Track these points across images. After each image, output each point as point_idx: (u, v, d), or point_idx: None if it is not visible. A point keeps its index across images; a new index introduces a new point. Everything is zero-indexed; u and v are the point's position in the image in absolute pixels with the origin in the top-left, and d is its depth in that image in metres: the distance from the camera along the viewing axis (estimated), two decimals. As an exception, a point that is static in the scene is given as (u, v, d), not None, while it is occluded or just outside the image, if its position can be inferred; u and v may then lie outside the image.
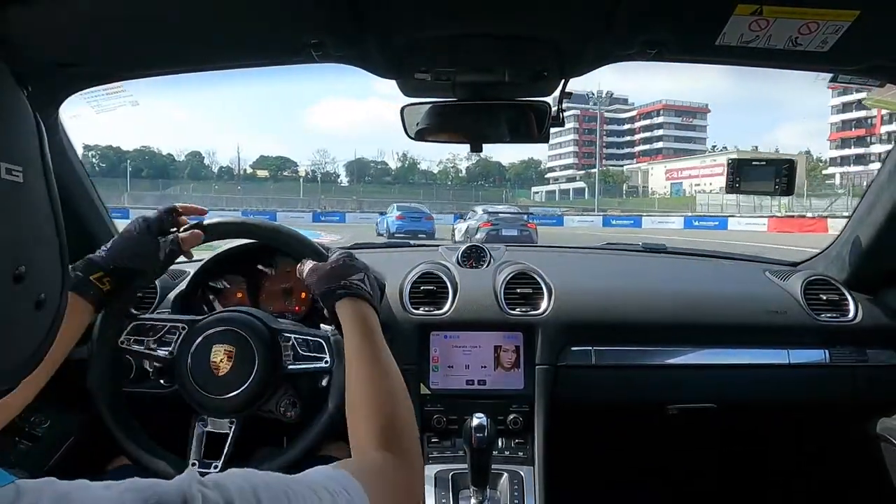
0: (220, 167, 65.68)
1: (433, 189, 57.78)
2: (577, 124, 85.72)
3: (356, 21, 0.89)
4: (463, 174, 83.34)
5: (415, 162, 77.97)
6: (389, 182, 60.89)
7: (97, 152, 56.43)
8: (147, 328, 0.99)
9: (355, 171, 69.86)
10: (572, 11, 0.89)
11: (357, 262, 0.91)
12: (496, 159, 76.35)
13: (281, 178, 57.09)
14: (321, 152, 79.33)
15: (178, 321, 0.99)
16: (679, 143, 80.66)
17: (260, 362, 0.92)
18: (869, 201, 1.32)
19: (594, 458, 1.67)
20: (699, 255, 1.72)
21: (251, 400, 0.92)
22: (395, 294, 1.31)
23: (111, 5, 0.84)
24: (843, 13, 0.81)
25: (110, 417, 0.95)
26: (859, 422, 1.40)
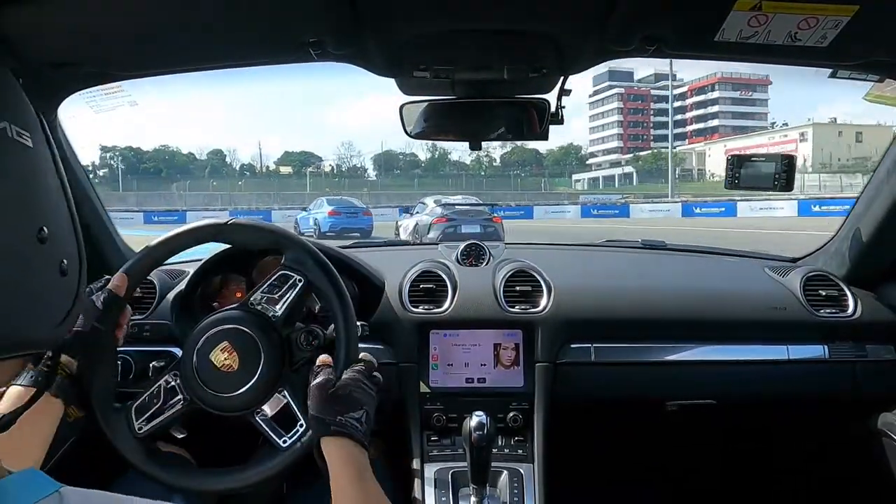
0: (242, 164, 64.37)
1: (464, 180, 53.38)
2: (622, 104, 77.72)
3: (354, 19, 0.88)
4: (497, 163, 76.37)
5: (445, 153, 72.42)
6: (419, 174, 56.70)
7: (116, 153, 56.01)
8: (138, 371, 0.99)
9: (383, 164, 66.11)
10: (571, 7, 0.89)
11: (365, 393, 0.85)
12: (532, 146, 68.95)
13: (305, 173, 54.93)
14: (347, 145, 76.54)
15: (163, 353, 1.02)
16: (737, 119, 69.97)
17: (266, 357, 0.92)
18: (868, 197, 1.32)
19: (594, 455, 1.67)
20: (698, 252, 1.72)
21: (261, 395, 0.92)
22: (394, 293, 1.31)
23: (109, 5, 0.84)
24: (842, 8, 0.81)
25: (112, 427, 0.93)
26: (859, 417, 1.40)
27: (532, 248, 1.78)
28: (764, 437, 1.67)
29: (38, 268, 0.39)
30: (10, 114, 0.39)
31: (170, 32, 0.95)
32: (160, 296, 1.29)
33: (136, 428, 0.92)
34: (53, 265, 0.41)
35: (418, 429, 1.24)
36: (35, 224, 0.39)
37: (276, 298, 0.95)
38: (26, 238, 0.38)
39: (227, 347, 0.92)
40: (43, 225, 0.40)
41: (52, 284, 0.41)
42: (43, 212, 0.41)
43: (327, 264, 0.96)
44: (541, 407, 1.25)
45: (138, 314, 1.24)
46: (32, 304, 0.39)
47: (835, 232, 1.46)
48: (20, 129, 0.40)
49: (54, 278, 0.41)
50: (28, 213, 0.39)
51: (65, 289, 0.42)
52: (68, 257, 0.42)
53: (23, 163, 0.40)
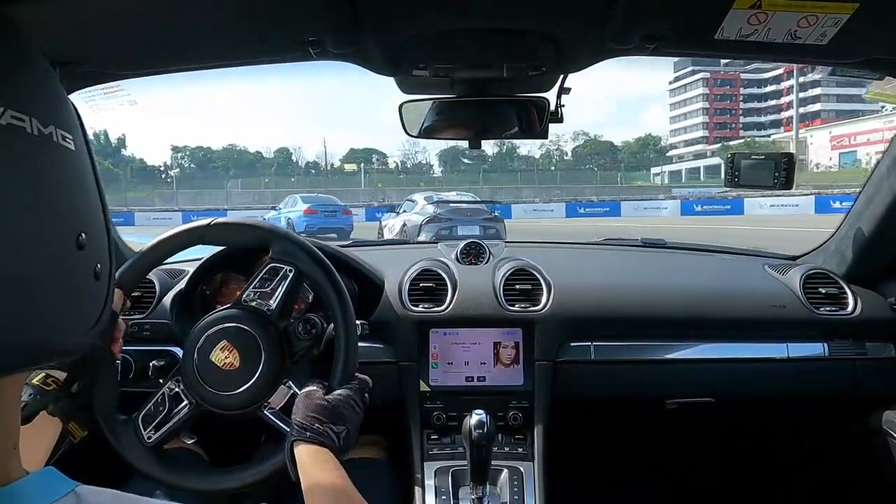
0: (307, 162, 63.21)
1: (536, 175, 48.89)
2: (707, 90, 70.23)
3: (354, 18, 0.88)
4: (568, 157, 70.84)
5: (514, 147, 66.85)
6: (486, 169, 52.68)
7: (186, 153, 55.84)
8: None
9: (449, 160, 63.29)
10: (570, 6, 0.88)
11: (352, 410, 0.85)
12: (607, 138, 64.03)
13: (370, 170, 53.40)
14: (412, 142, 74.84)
15: (164, 353, 1.02)
16: (843, 102, 59.85)
17: (266, 354, 0.92)
18: (868, 194, 1.32)
19: (594, 453, 1.68)
20: (698, 250, 1.72)
21: (263, 392, 0.92)
22: (394, 291, 1.31)
23: (109, 4, 0.84)
24: (842, 6, 0.81)
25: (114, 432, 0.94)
26: (859, 415, 1.40)
27: (532, 246, 1.78)
28: (764, 435, 1.67)
29: (75, 273, 0.39)
30: (55, 115, 0.39)
31: (169, 31, 0.95)
32: (160, 295, 1.29)
33: (146, 437, 0.92)
34: (89, 270, 0.40)
35: (418, 427, 1.24)
36: (75, 229, 0.39)
37: (268, 292, 0.95)
38: (66, 244, 0.38)
39: (226, 346, 0.92)
40: (82, 230, 0.39)
41: (87, 290, 0.41)
42: (82, 217, 0.40)
43: (315, 252, 0.96)
44: (541, 405, 1.25)
45: (138, 314, 1.24)
46: (67, 310, 0.39)
47: (835, 229, 1.46)
48: (64, 132, 0.39)
49: (89, 283, 0.41)
50: (70, 219, 0.39)
51: (98, 294, 0.42)
52: (101, 262, 0.42)
53: (67, 166, 0.39)
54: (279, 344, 0.94)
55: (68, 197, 0.39)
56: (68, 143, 0.39)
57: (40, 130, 0.37)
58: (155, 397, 0.94)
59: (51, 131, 0.37)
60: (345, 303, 0.94)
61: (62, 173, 0.39)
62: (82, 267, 0.40)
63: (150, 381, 1.09)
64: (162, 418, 0.93)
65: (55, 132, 0.38)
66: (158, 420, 0.93)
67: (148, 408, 0.94)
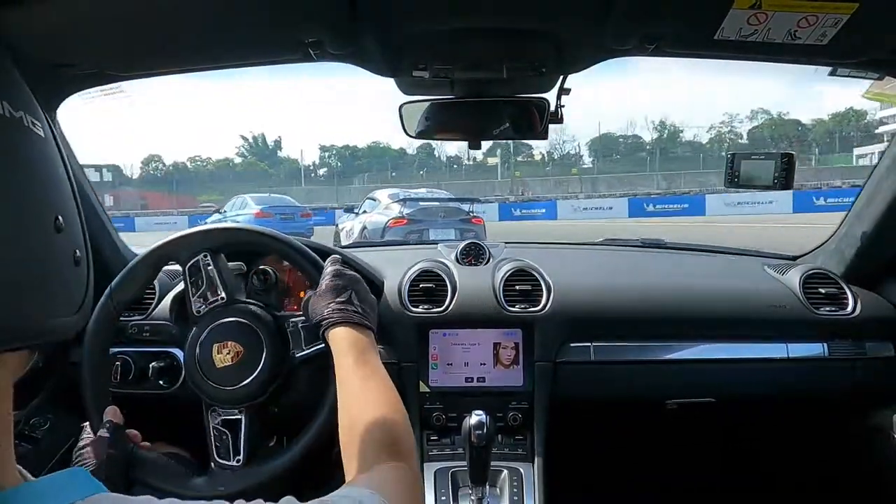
0: (449, 157, 61.71)
1: (701, 161, 40.30)
2: None
3: (353, 19, 0.88)
4: (744, 140, 58.24)
5: (677, 130, 57.22)
6: (646, 157, 45.20)
7: (333, 152, 55.61)
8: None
9: (600, 149, 54.96)
10: (570, 6, 0.89)
11: (343, 277, 0.91)
12: (793, 116, 51.48)
13: (512, 163, 50.66)
14: (558, 131, 68.66)
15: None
16: None
17: (268, 350, 0.93)
18: (867, 194, 1.32)
19: (594, 454, 1.67)
20: (697, 250, 1.72)
21: (262, 388, 0.93)
22: (393, 292, 1.31)
23: (107, 5, 0.84)
24: (841, 6, 0.81)
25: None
26: (859, 415, 1.40)
27: (531, 247, 1.78)
28: (764, 435, 1.67)
29: (55, 256, 0.40)
30: (24, 104, 0.40)
31: (169, 33, 0.95)
32: (159, 297, 1.29)
33: (236, 462, 0.96)
34: (68, 255, 0.41)
35: (418, 428, 1.24)
36: (52, 212, 0.40)
37: (211, 287, 0.99)
38: (45, 226, 0.39)
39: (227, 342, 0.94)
40: (58, 214, 0.40)
41: (68, 274, 0.42)
42: (58, 201, 0.41)
43: (197, 230, 1.02)
44: (540, 406, 1.25)
45: (138, 315, 1.24)
46: (51, 293, 0.40)
47: (835, 229, 1.46)
48: (33, 118, 0.40)
49: (70, 268, 0.42)
50: (46, 202, 0.40)
51: (80, 279, 0.43)
52: (80, 248, 0.43)
53: (39, 151, 0.40)
54: (277, 334, 0.95)
55: (44, 180, 0.40)
56: (38, 130, 0.40)
57: (11, 114, 0.38)
58: (210, 434, 0.97)
59: (21, 115, 0.39)
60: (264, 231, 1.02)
61: (36, 157, 0.40)
62: (62, 250, 0.41)
63: (150, 381, 1.09)
64: (233, 444, 0.96)
65: (25, 117, 0.39)
66: (232, 447, 0.96)
67: (215, 446, 0.96)
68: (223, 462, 0.96)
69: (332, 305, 0.86)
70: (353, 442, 0.71)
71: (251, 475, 0.94)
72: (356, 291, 0.89)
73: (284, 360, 0.97)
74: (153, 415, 1.01)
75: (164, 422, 1.03)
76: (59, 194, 0.42)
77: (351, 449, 0.71)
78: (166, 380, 1.13)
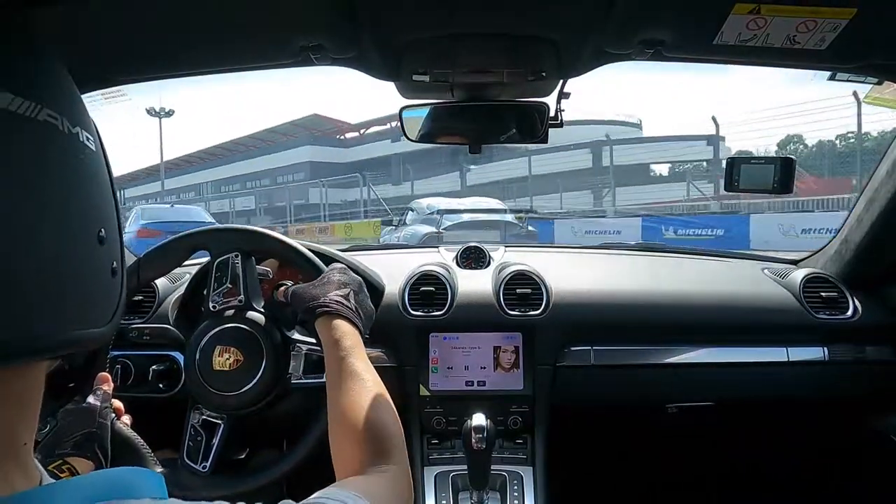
0: None
1: None
2: None
3: (353, 24, 0.89)
4: None
5: None
6: None
7: None
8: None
9: None
10: (569, 11, 0.89)
11: (346, 276, 0.90)
12: None
13: None
14: None
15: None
16: None
17: (268, 364, 0.93)
18: (867, 198, 1.32)
19: (594, 457, 1.67)
20: (698, 254, 1.72)
21: (255, 399, 0.93)
22: (394, 296, 1.31)
23: (108, 9, 0.84)
24: (840, 11, 0.81)
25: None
26: (859, 419, 1.40)
27: (531, 251, 1.78)
28: (764, 438, 1.67)
29: (96, 269, 0.41)
30: (80, 117, 0.41)
31: (169, 37, 0.95)
32: (160, 299, 1.29)
33: (202, 469, 0.96)
34: (107, 267, 0.42)
35: (418, 432, 1.24)
36: (97, 225, 0.41)
37: (231, 288, 0.98)
38: (89, 239, 0.40)
39: (228, 347, 0.93)
40: (102, 227, 0.41)
41: (105, 285, 0.42)
42: (103, 214, 0.42)
43: (247, 228, 1.01)
44: (541, 410, 1.25)
45: (138, 318, 1.24)
46: (86, 305, 0.40)
47: (835, 233, 1.46)
48: (88, 133, 0.41)
49: (107, 279, 0.42)
50: (93, 215, 0.41)
51: (114, 290, 0.44)
52: (117, 259, 0.44)
53: (90, 165, 0.41)
54: (279, 340, 0.95)
55: (92, 194, 0.41)
56: (90, 144, 0.41)
57: (70, 129, 0.39)
58: (186, 432, 0.96)
59: (77, 131, 0.40)
60: (291, 245, 1.01)
61: (86, 171, 0.41)
62: (103, 262, 0.42)
63: (149, 384, 1.09)
64: (205, 447, 0.95)
65: (81, 132, 0.40)
66: (203, 450, 0.95)
67: (186, 445, 0.96)
68: (190, 464, 0.96)
69: (331, 296, 0.85)
70: (341, 438, 0.71)
71: (216, 487, 0.93)
72: (356, 293, 0.88)
73: (280, 381, 0.96)
74: (153, 418, 1.01)
75: (163, 425, 1.03)
76: (105, 207, 0.43)
77: (339, 445, 0.71)
78: (166, 383, 1.12)
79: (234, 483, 0.94)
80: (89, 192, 0.41)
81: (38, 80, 0.38)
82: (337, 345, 0.80)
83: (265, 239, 1.02)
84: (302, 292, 0.89)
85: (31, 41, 0.41)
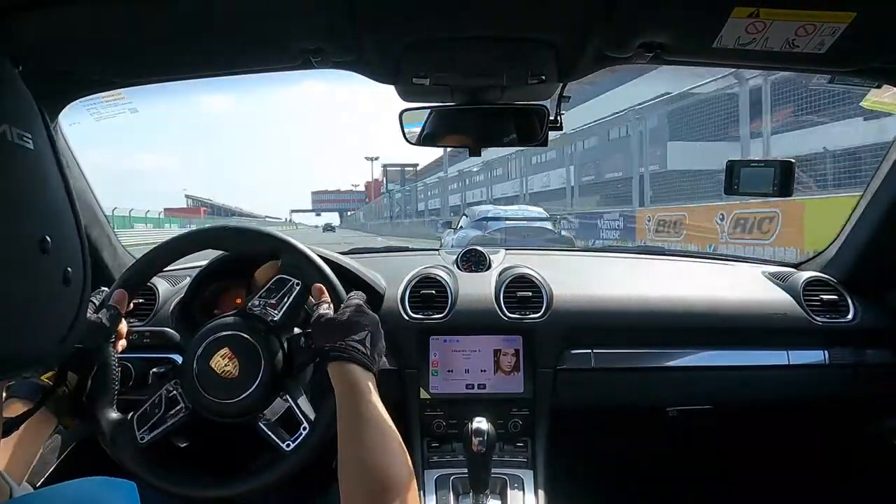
0: None
1: None
2: None
3: (353, 27, 0.89)
4: None
5: None
6: None
7: None
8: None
9: None
10: (569, 14, 0.89)
11: (365, 316, 0.88)
12: None
13: None
14: None
15: (163, 360, 1.01)
16: None
17: (266, 363, 0.92)
18: (867, 201, 1.33)
19: (595, 461, 1.67)
20: (698, 258, 1.72)
21: (261, 401, 0.92)
22: (394, 299, 1.31)
23: (108, 12, 0.85)
24: (839, 15, 0.82)
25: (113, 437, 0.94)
26: (859, 422, 1.40)
27: (532, 254, 1.78)
28: (765, 442, 1.66)
29: (39, 279, 0.37)
30: (11, 114, 0.38)
31: (170, 40, 0.96)
32: (160, 302, 1.29)
33: (139, 438, 0.92)
34: (56, 275, 0.39)
35: (418, 435, 1.24)
36: (37, 232, 0.37)
37: (274, 303, 0.95)
38: (27, 248, 0.37)
39: (226, 354, 0.92)
40: (46, 233, 0.37)
41: (55, 296, 0.39)
42: (45, 219, 0.39)
43: (323, 268, 0.97)
44: (541, 413, 1.25)
45: (138, 321, 1.24)
46: (34, 319, 0.37)
47: (835, 237, 1.46)
48: (21, 130, 0.38)
49: (57, 289, 0.39)
50: (29, 222, 0.37)
51: (68, 300, 0.40)
52: (73, 265, 0.40)
53: (23, 167, 0.38)
54: (280, 354, 0.93)
55: (28, 200, 0.38)
56: (25, 142, 0.38)
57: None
58: (152, 398, 0.94)
59: (4, 129, 0.36)
60: (331, 280, 0.96)
61: (16, 175, 0.37)
62: (48, 271, 0.38)
63: (150, 388, 1.09)
64: (157, 420, 0.92)
65: (9, 131, 0.37)
66: (154, 421, 0.92)
67: (144, 408, 0.93)
68: (135, 427, 0.92)
69: (349, 341, 0.83)
70: (351, 484, 0.70)
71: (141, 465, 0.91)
72: (372, 334, 0.86)
73: (284, 371, 0.95)
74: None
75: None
76: (49, 212, 0.39)
77: (347, 490, 0.70)
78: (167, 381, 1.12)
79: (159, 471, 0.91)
80: (22, 199, 0.37)
81: None
82: (351, 390, 0.79)
83: (316, 271, 0.97)
84: (322, 328, 0.86)
85: None
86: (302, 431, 0.90)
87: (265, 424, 0.91)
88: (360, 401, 0.77)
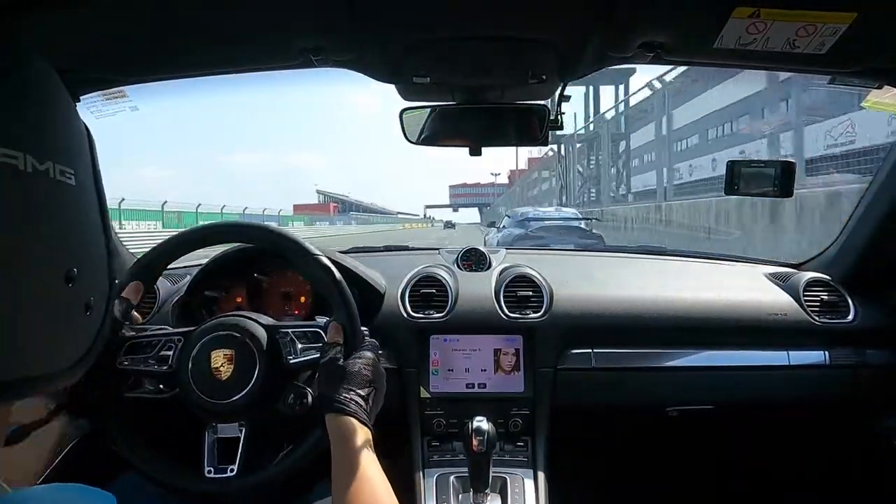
0: None
1: None
2: None
3: (354, 26, 0.89)
4: None
5: None
6: None
7: None
8: (143, 345, 0.96)
9: None
10: (570, 14, 0.89)
11: (374, 373, 0.86)
12: None
13: None
14: None
15: (173, 334, 0.97)
16: None
17: (261, 362, 0.91)
18: (867, 202, 1.33)
19: (596, 460, 1.67)
20: (699, 257, 1.72)
21: (256, 401, 0.91)
22: (394, 298, 1.31)
23: (109, 10, 0.85)
24: (840, 15, 0.82)
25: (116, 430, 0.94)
26: (860, 422, 1.40)
27: (532, 253, 1.78)
28: (765, 442, 1.66)
29: (60, 309, 0.38)
30: (58, 151, 0.37)
31: (170, 39, 0.96)
32: (160, 301, 1.29)
33: (117, 362, 0.93)
34: (79, 304, 0.39)
35: (419, 435, 1.24)
36: (64, 265, 0.37)
37: (300, 348, 0.94)
38: (52, 280, 0.37)
39: (222, 354, 0.92)
40: (73, 266, 0.38)
41: (75, 323, 0.39)
42: (75, 251, 0.39)
43: (354, 314, 0.95)
44: (542, 412, 1.25)
45: None
46: (50, 346, 0.37)
47: (836, 237, 1.46)
48: (64, 166, 0.37)
49: (78, 319, 0.39)
50: (58, 255, 0.37)
51: (88, 326, 0.40)
52: (96, 294, 0.40)
53: (61, 203, 0.38)
54: (276, 357, 0.93)
55: (61, 233, 0.38)
56: (67, 178, 0.38)
57: (35, 167, 0.35)
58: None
59: (48, 167, 0.36)
60: (347, 299, 0.94)
61: (55, 210, 0.37)
62: (70, 301, 0.38)
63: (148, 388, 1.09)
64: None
65: (53, 168, 0.37)
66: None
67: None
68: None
69: (352, 394, 0.82)
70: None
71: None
72: (377, 390, 0.85)
73: (278, 370, 0.94)
74: (152, 418, 1.01)
75: (163, 425, 1.03)
76: (80, 244, 0.39)
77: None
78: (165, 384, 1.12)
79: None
80: (57, 232, 0.37)
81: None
82: (346, 443, 0.78)
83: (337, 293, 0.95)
84: (329, 373, 0.85)
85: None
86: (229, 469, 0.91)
87: (214, 438, 0.93)
88: (353, 455, 0.77)
